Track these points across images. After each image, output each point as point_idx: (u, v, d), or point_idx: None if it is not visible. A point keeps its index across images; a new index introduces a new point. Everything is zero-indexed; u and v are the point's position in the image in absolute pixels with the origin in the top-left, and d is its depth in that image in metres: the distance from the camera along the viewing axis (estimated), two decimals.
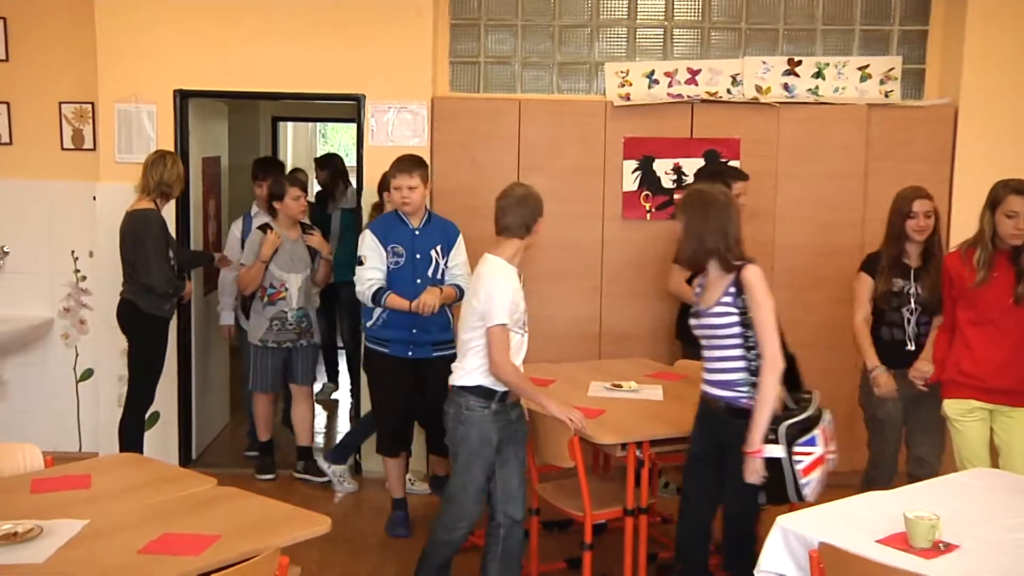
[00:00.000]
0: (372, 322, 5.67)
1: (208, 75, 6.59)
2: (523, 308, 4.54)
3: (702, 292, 4.35)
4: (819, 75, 6.86)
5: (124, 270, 6.03)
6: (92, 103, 6.76)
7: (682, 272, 6.18)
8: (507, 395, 4.54)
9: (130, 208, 6.00)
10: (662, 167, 6.72)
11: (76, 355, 7.04)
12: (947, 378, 4.84)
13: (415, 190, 5.51)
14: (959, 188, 6.62)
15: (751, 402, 4.12)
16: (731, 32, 6.93)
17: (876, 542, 3.28)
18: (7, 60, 6.83)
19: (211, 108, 7.23)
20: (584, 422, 4.55)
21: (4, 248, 6.94)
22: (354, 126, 6.83)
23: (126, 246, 5.96)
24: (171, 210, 6.47)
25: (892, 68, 6.85)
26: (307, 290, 6.46)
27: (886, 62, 6.86)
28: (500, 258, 4.52)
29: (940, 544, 3.23)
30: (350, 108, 6.78)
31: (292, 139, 12.23)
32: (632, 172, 6.72)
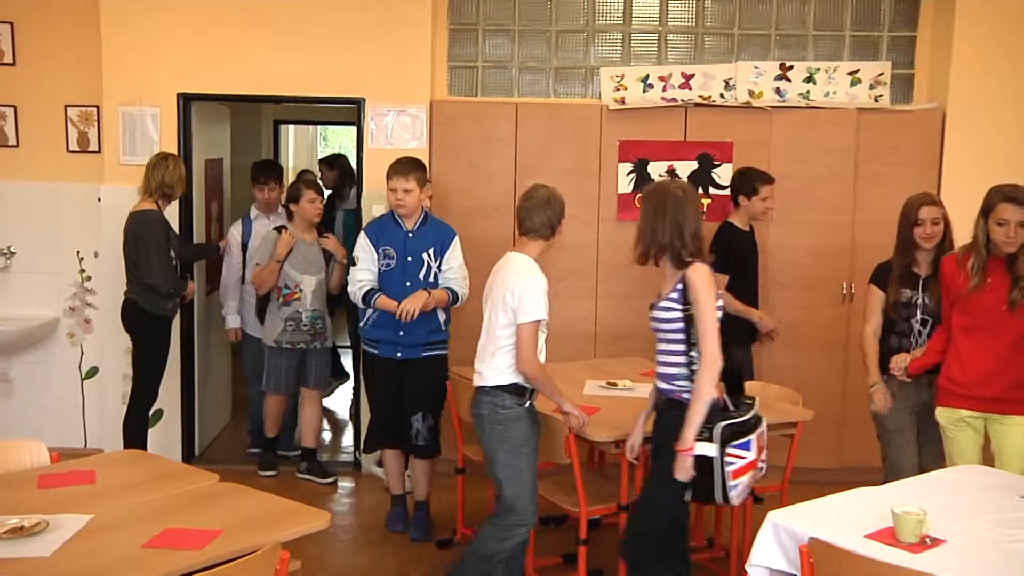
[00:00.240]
0: (364, 322, 5.67)
1: (211, 79, 6.60)
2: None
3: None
4: (810, 80, 6.86)
5: (127, 270, 6.04)
6: (97, 106, 6.76)
7: (722, 279, 6.20)
8: (535, 393, 4.53)
9: (133, 209, 6.00)
10: (656, 169, 6.72)
11: (81, 354, 7.03)
12: (939, 385, 4.72)
13: (410, 193, 5.47)
14: (946, 192, 6.61)
15: (689, 396, 4.04)
16: (724, 37, 6.93)
17: (865, 537, 3.28)
18: (14, 64, 6.83)
19: (214, 111, 7.23)
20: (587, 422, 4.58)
21: (11, 248, 6.93)
22: (354, 129, 6.83)
23: (129, 247, 5.97)
24: (174, 211, 6.47)
25: (881, 73, 6.86)
26: (321, 293, 6.42)
27: (875, 67, 6.87)
28: (528, 256, 4.49)
29: (927, 539, 3.24)
30: (350, 111, 6.78)
31: (293, 142, 12.23)
32: (627, 174, 6.72)
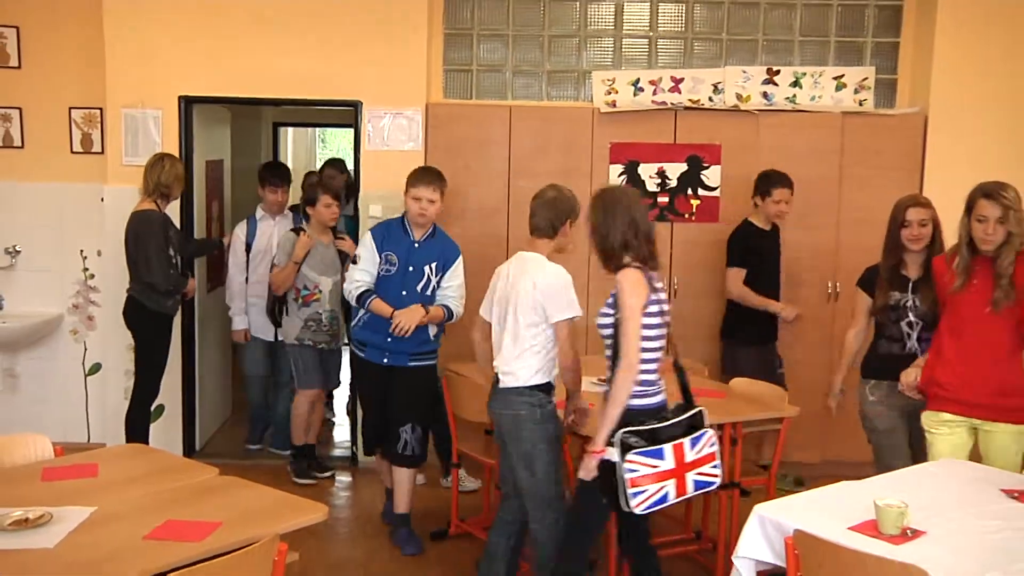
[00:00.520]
0: (355, 321, 5.56)
1: (212, 82, 6.59)
2: None
3: None
4: (796, 84, 6.87)
5: (129, 269, 6.04)
6: (101, 108, 6.74)
7: (739, 273, 6.23)
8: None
9: (134, 209, 6.00)
10: (646, 171, 6.73)
11: (85, 350, 7.03)
12: (924, 387, 4.53)
13: (434, 204, 5.32)
14: (929, 194, 6.56)
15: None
16: (713, 43, 6.94)
17: (848, 529, 3.29)
18: (19, 67, 6.82)
19: (214, 114, 7.22)
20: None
21: (16, 247, 6.92)
22: (352, 131, 6.82)
23: (129, 246, 5.96)
24: (175, 211, 6.47)
25: (866, 78, 6.88)
26: (337, 293, 6.27)
27: (860, 72, 6.89)
28: (541, 255, 4.42)
29: (908, 531, 3.25)
30: (348, 114, 6.77)
31: (292, 144, 12.21)
32: (618, 176, 6.73)
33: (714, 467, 4.05)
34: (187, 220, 6.73)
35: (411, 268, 5.37)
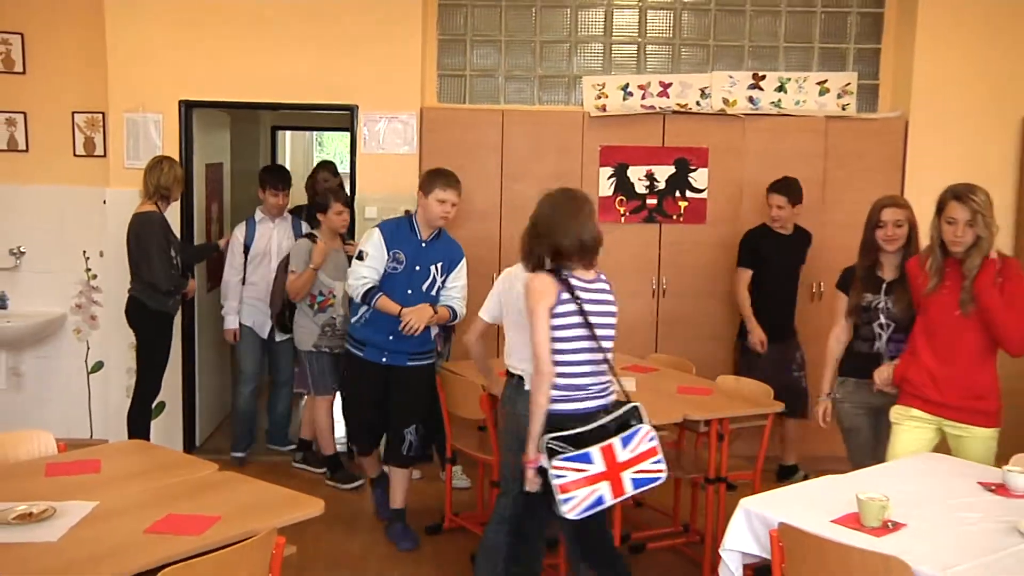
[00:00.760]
0: (356, 319, 5.39)
1: (211, 87, 6.59)
2: None
3: None
4: (781, 89, 6.89)
5: (130, 269, 6.03)
6: (103, 113, 6.74)
7: (743, 273, 6.23)
8: None
9: (135, 211, 6.00)
10: (635, 174, 6.74)
11: (87, 349, 7.02)
12: (898, 384, 4.47)
13: (455, 206, 5.25)
14: (909, 194, 6.61)
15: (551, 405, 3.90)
16: (700, 49, 6.96)
17: (831, 522, 3.29)
18: (24, 73, 6.81)
19: (214, 118, 7.21)
20: None
21: (21, 248, 6.91)
22: (348, 135, 6.82)
23: (131, 246, 5.96)
24: (176, 213, 6.47)
25: (848, 83, 6.90)
26: (346, 297, 6.16)
27: (843, 78, 6.90)
28: None
29: (889, 523, 3.25)
30: (344, 118, 6.77)
31: (290, 147, 12.19)
32: (608, 178, 6.74)
33: (655, 462, 3.89)
34: (187, 222, 6.72)
35: (418, 267, 5.26)
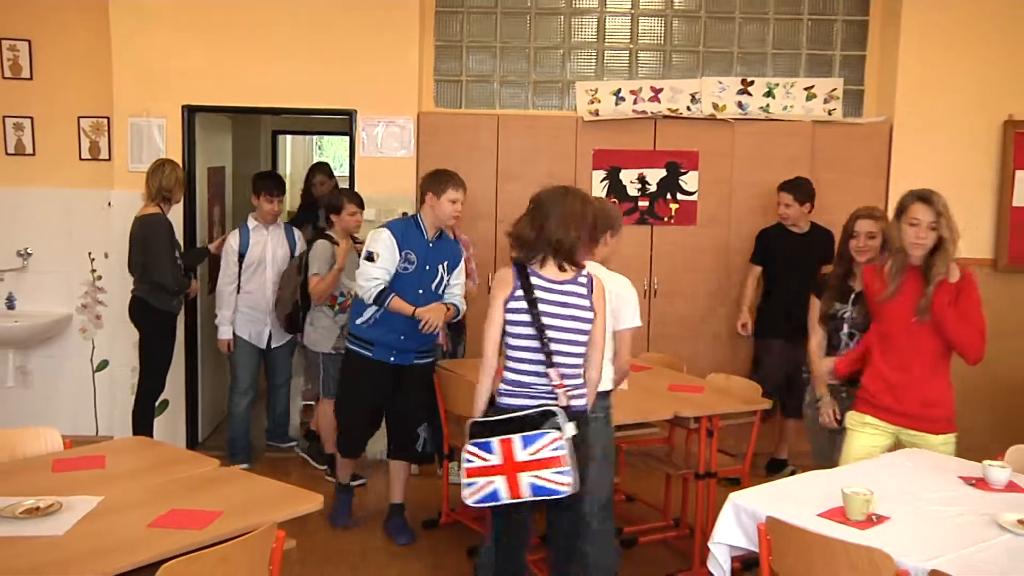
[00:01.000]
0: (363, 320, 5.23)
1: (214, 92, 6.59)
2: None
3: None
4: (769, 94, 6.90)
5: (134, 271, 6.02)
6: (108, 117, 6.74)
7: (751, 269, 6.25)
8: None
9: (138, 214, 6.00)
10: (628, 176, 6.75)
11: (93, 348, 7.02)
12: (839, 376, 4.47)
13: (463, 205, 5.31)
14: (894, 197, 6.61)
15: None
16: (690, 55, 6.97)
17: (817, 516, 3.30)
18: (31, 79, 6.81)
19: (216, 122, 7.21)
20: None
21: (28, 250, 6.91)
22: (347, 139, 6.82)
23: (136, 249, 5.95)
24: (178, 216, 6.47)
25: (834, 89, 6.91)
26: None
27: (829, 83, 6.91)
28: (594, 264, 4.28)
29: (873, 516, 3.27)
30: (344, 122, 6.77)
31: (291, 151, 12.19)
32: (601, 181, 6.74)
33: (559, 473, 3.61)
34: (189, 224, 6.72)
35: (427, 267, 5.21)
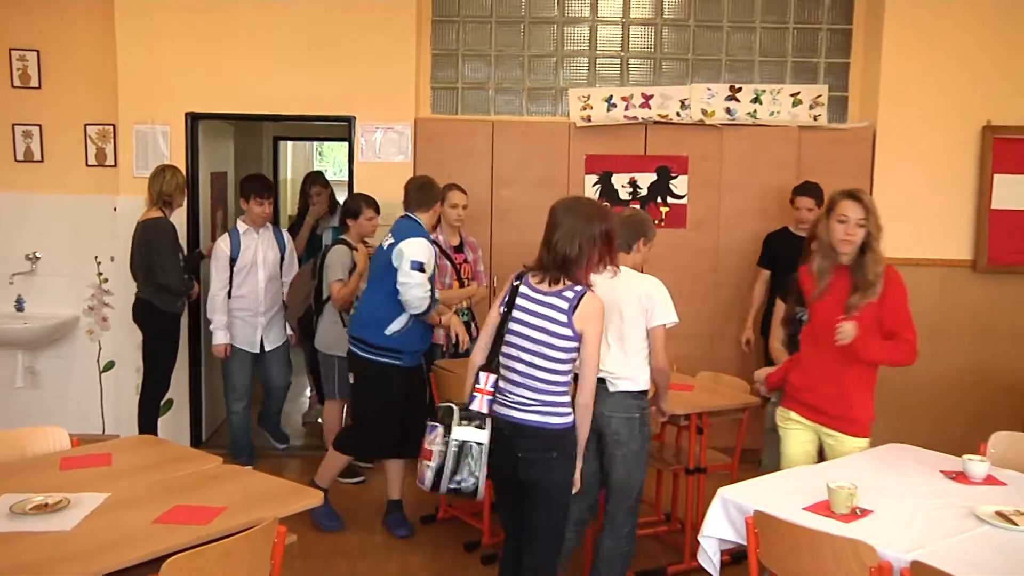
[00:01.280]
0: (395, 330, 5.14)
1: (216, 100, 6.60)
2: None
3: None
4: (757, 101, 6.90)
5: (138, 273, 6.01)
6: (113, 125, 6.74)
7: (760, 273, 6.25)
8: None
9: (141, 218, 5.99)
10: (619, 180, 6.76)
11: (99, 349, 7.01)
12: (778, 385, 4.39)
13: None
14: (877, 199, 6.55)
15: None
16: (680, 62, 6.97)
17: (803, 509, 3.31)
18: (39, 88, 6.82)
19: (219, 129, 7.21)
20: None
21: (36, 254, 6.91)
22: (346, 144, 6.83)
23: (141, 252, 5.94)
24: (182, 220, 6.47)
25: (819, 95, 6.91)
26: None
27: (814, 90, 6.92)
28: (627, 268, 4.28)
29: (857, 510, 3.28)
30: (343, 128, 6.77)
31: (291, 156, 12.20)
32: (593, 185, 6.75)
33: (426, 466, 3.63)
34: (193, 228, 6.72)
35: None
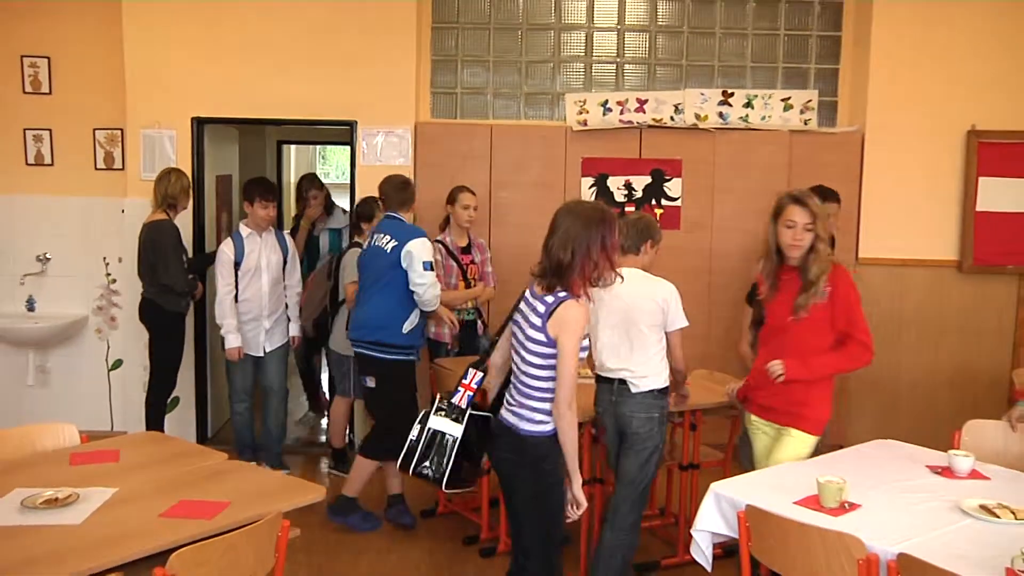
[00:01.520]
0: (410, 328, 5.24)
1: (221, 104, 6.59)
2: None
3: None
4: (749, 105, 6.91)
5: (143, 274, 5.99)
6: (121, 129, 6.75)
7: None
8: None
9: (146, 220, 5.97)
10: (615, 183, 6.76)
11: (108, 347, 7.01)
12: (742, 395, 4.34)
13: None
14: (865, 202, 6.71)
15: None
16: (674, 68, 6.98)
17: (793, 503, 3.32)
18: (50, 93, 6.82)
19: (224, 133, 7.21)
20: None
21: (47, 255, 6.91)
22: (348, 148, 6.83)
23: (146, 253, 5.92)
24: (188, 221, 6.47)
25: (810, 100, 6.92)
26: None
27: (805, 95, 6.93)
28: (639, 269, 4.35)
29: (846, 504, 3.29)
30: (345, 132, 6.77)
31: (295, 160, 12.19)
32: (589, 187, 6.76)
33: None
34: (199, 229, 6.72)
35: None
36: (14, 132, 6.85)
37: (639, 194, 6.76)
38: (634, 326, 4.29)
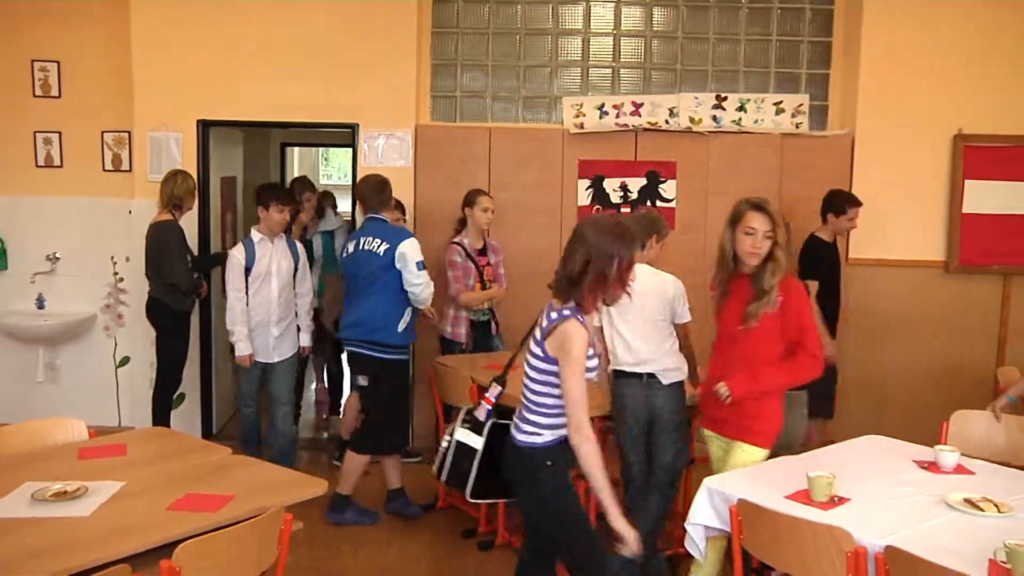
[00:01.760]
0: (404, 327, 5.24)
1: (227, 108, 6.59)
2: None
3: None
4: (742, 109, 6.92)
5: (149, 273, 6.00)
6: (129, 132, 6.74)
7: (813, 285, 6.21)
8: None
9: (152, 221, 5.98)
10: (610, 185, 6.77)
11: (115, 344, 7.01)
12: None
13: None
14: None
15: None
16: (669, 72, 6.98)
17: (784, 497, 3.33)
18: (59, 97, 6.82)
19: (229, 135, 7.20)
20: None
21: (56, 254, 6.91)
22: (350, 150, 6.82)
23: (152, 253, 5.92)
24: (193, 222, 6.47)
25: (801, 104, 6.93)
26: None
27: (796, 99, 6.94)
28: (646, 265, 4.37)
29: (835, 498, 3.30)
30: (347, 135, 6.77)
31: (298, 162, 12.20)
32: (585, 189, 6.76)
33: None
34: (204, 230, 6.71)
35: None
36: (24, 135, 6.85)
37: (634, 195, 6.77)
38: (647, 322, 4.38)
